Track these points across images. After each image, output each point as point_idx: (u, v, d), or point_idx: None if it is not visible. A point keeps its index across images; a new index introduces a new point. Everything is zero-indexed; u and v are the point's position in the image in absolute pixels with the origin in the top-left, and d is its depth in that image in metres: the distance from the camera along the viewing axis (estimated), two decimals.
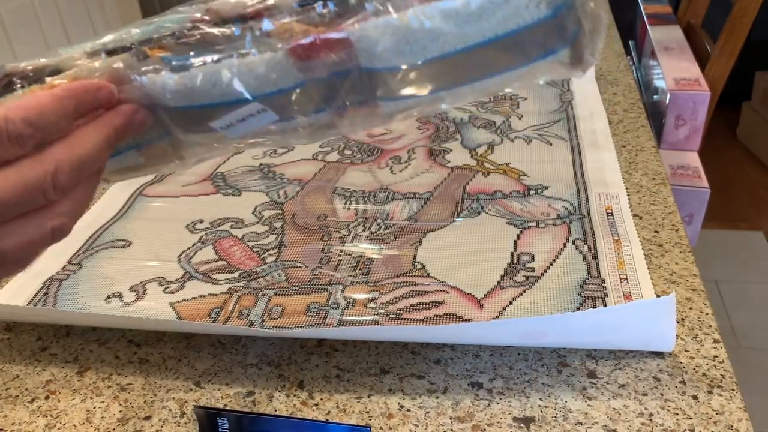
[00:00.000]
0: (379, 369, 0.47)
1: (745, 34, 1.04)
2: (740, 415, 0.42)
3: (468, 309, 0.51)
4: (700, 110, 0.93)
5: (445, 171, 0.73)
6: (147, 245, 0.62)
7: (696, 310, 0.51)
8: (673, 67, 1.00)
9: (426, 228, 0.62)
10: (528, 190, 0.67)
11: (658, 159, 0.73)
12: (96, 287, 0.56)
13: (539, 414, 0.43)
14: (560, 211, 0.63)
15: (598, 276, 0.53)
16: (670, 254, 0.57)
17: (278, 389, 0.46)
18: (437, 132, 0.82)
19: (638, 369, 0.46)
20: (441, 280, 0.54)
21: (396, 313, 0.50)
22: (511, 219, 0.62)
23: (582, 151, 0.75)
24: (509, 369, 0.47)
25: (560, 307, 0.50)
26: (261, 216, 0.66)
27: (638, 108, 0.87)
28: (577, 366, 0.47)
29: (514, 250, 0.57)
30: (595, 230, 0.59)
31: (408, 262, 0.57)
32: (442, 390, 0.45)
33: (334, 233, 0.62)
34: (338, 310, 0.51)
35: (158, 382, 0.48)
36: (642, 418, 0.42)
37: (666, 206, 0.64)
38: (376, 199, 0.67)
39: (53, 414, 0.46)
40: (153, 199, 0.70)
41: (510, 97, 0.92)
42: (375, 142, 0.81)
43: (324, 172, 0.74)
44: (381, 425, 0.43)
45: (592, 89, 0.91)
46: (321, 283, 0.55)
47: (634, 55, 1.40)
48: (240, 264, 0.58)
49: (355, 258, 0.58)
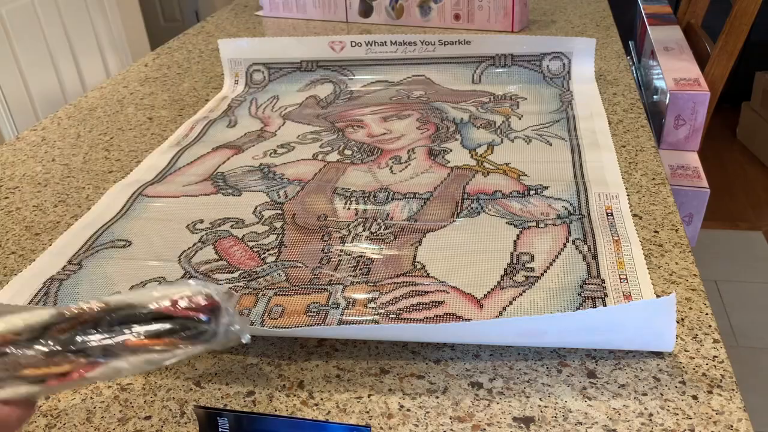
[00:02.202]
0: (379, 369, 0.47)
1: (745, 35, 1.04)
2: (740, 415, 0.42)
3: (468, 309, 0.51)
4: (699, 110, 0.93)
5: (445, 171, 0.73)
6: (147, 245, 0.62)
7: (696, 310, 0.51)
8: (672, 67, 1.00)
9: (426, 228, 0.62)
10: (528, 190, 0.67)
11: (657, 159, 0.73)
12: (96, 287, 0.56)
13: (539, 414, 0.43)
14: (560, 211, 0.63)
15: (597, 276, 0.53)
16: (670, 254, 0.57)
17: (278, 389, 0.46)
18: (437, 132, 0.83)
19: (638, 369, 0.46)
20: (441, 280, 0.54)
21: (396, 313, 0.51)
22: (511, 219, 0.62)
23: (582, 151, 0.75)
24: (509, 369, 0.47)
25: (560, 307, 0.50)
26: (261, 216, 0.66)
27: (638, 108, 0.87)
28: (577, 366, 0.47)
29: (513, 250, 0.57)
30: (594, 230, 0.59)
31: (408, 262, 0.57)
32: (442, 390, 0.45)
33: (334, 233, 0.62)
34: (338, 310, 0.51)
35: (158, 382, 0.48)
36: (642, 418, 0.42)
37: (666, 206, 0.64)
38: (376, 199, 0.67)
39: (53, 414, 0.46)
40: (153, 199, 0.70)
41: (510, 97, 0.92)
42: (375, 142, 0.81)
43: (324, 172, 0.74)
44: (381, 425, 0.43)
45: (592, 89, 0.92)
46: (321, 283, 0.55)
47: (633, 55, 1.40)
48: (240, 264, 0.58)
49: (355, 258, 0.58)
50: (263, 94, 0.98)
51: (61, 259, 0.60)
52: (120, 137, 0.88)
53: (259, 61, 1.01)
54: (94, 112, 0.97)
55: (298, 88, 0.99)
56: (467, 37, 0.97)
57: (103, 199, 0.71)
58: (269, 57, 1.01)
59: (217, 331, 0.38)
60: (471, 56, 0.97)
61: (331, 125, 0.87)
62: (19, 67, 1.77)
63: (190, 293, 0.38)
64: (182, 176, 0.75)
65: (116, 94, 1.04)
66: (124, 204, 0.69)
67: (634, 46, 1.43)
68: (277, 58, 1.01)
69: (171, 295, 0.37)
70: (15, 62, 1.75)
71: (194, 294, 0.38)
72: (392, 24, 1.32)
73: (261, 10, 1.47)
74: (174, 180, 0.74)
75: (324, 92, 0.98)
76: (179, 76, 1.10)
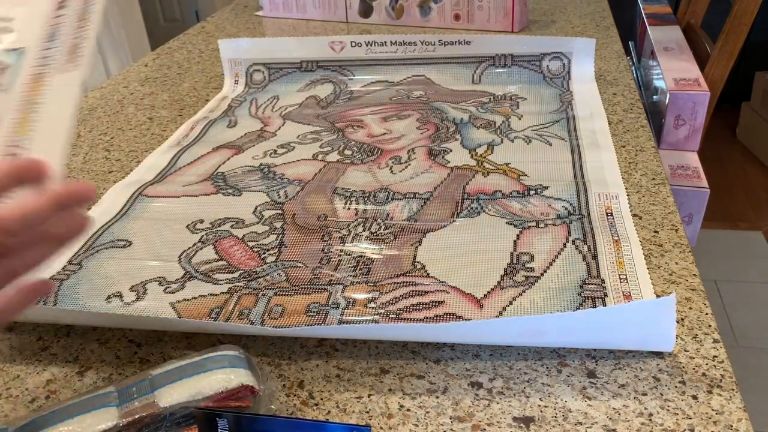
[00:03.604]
0: (379, 369, 0.47)
1: (745, 35, 1.04)
2: (740, 415, 0.42)
3: (468, 309, 0.51)
4: (699, 110, 0.93)
5: (445, 171, 0.73)
6: (147, 245, 0.62)
7: (696, 310, 0.51)
8: (672, 67, 1.00)
9: (426, 228, 0.62)
10: (528, 190, 0.67)
11: (657, 159, 0.73)
12: (96, 287, 0.56)
13: (539, 414, 0.43)
14: (560, 211, 0.63)
15: (597, 276, 0.53)
16: (670, 254, 0.57)
17: (278, 389, 0.46)
18: (437, 132, 0.83)
19: (638, 369, 0.46)
20: (441, 280, 0.54)
21: (396, 313, 0.51)
22: (510, 219, 0.62)
23: (582, 151, 0.75)
24: (509, 369, 0.47)
25: (560, 307, 0.50)
26: (261, 216, 0.66)
27: (638, 108, 0.87)
28: (577, 366, 0.47)
29: (513, 250, 0.57)
30: (594, 230, 0.59)
31: (408, 262, 0.57)
32: (442, 390, 0.45)
33: (334, 233, 0.62)
34: (338, 310, 0.51)
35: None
36: (642, 418, 0.42)
37: (665, 206, 0.64)
38: (376, 199, 0.67)
39: None
40: (153, 199, 0.70)
41: (510, 97, 0.92)
42: (375, 142, 0.81)
43: (324, 173, 0.74)
44: (381, 425, 0.43)
45: (592, 89, 0.92)
46: (321, 283, 0.55)
47: (633, 56, 1.40)
48: (240, 264, 0.58)
49: (355, 258, 0.58)
50: (263, 94, 0.98)
51: (62, 259, 0.60)
52: (120, 137, 0.88)
53: (259, 62, 1.01)
54: (94, 112, 0.97)
55: (298, 88, 0.99)
56: (467, 37, 0.97)
57: (103, 200, 0.71)
58: (269, 57, 1.01)
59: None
60: (471, 56, 0.97)
61: (331, 125, 0.87)
62: None
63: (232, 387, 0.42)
64: (182, 176, 0.75)
65: (116, 94, 1.04)
66: (124, 204, 0.69)
67: (634, 46, 1.43)
68: (277, 58, 1.01)
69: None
70: None
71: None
72: (392, 24, 1.32)
73: (261, 10, 1.47)
74: (174, 180, 0.74)
75: (324, 92, 0.98)
76: (179, 76, 1.10)
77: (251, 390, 0.42)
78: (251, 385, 0.42)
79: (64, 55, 0.42)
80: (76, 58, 0.42)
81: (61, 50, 0.42)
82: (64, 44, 0.42)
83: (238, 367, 0.43)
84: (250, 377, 0.43)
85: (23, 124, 0.40)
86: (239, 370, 0.43)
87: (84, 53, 0.42)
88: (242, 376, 0.42)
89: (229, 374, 0.42)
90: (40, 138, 0.39)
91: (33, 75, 0.41)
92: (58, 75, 0.41)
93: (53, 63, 0.42)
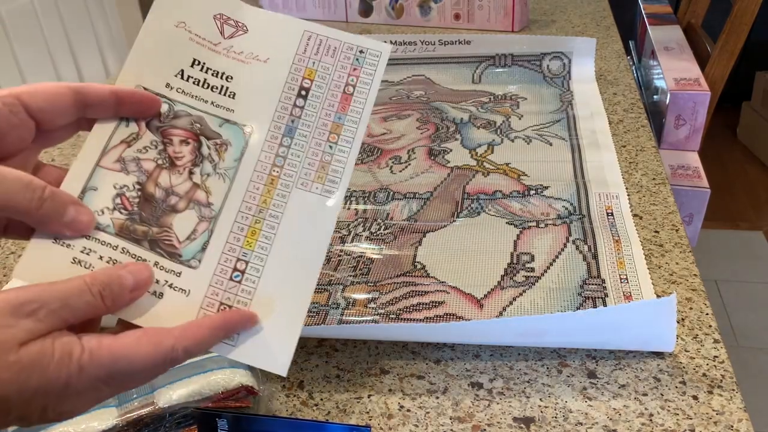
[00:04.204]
0: (379, 369, 0.47)
1: (745, 35, 1.04)
2: (740, 415, 0.42)
3: (468, 309, 0.51)
4: (700, 110, 0.93)
5: (445, 171, 0.72)
6: None
7: (696, 310, 0.51)
8: (673, 67, 1.00)
9: (426, 228, 0.62)
10: (528, 190, 0.67)
11: (658, 159, 0.73)
12: None
13: (539, 414, 0.43)
14: (560, 211, 0.63)
15: (598, 276, 0.53)
16: (670, 254, 0.57)
17: (278, 389, 0.46)
18: (437, 132, 0.82)
19: (638, 369, 0.46)
20: (441, 280, 0.54)
21: (396, 313, 0.50)
22: (511, 219, 0.62)
23: (582, 151, 0.75)
24: (509, 369, 0.47)
25: (560, 307, 0.50)
26: None
27: (638, 108, 0.87)
28: (577, 366, 0.47)
29: (514, 250, 0.57)
30: (595, 230, 0.59)
31: (408, 262, 0.57)
32: (442, 390, 0.45)
33: (334, 233, 0.62)
34: (338, 310, 0.51)
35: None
36: (642, 418, 0.42)
37: (666, 206, 0.64)
38: (376, 199, 0.67)
39: None
40: None
41: (510, 97, 0.92)
42: (375, 142, 0.81)
43: None
44: (381, 425, 0.43)
45: (592, 89, 0.91)
46: (321, 283, 0.55)
47: (634, 55, 1.40)
48: None
49: (355, 258, 0.58)
50: None
51: None
52: None
53: None
54: None
55: None
56: (467, 37, 0.97)
57: None
58: None
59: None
60: (471, 56, 0.97)
61: None
62: (18, 66, 1.77)
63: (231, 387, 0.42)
64: None
65: None
66: None
67: (635, 46, 1.43)
68: None
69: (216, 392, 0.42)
70: (14, 62, 1.75)
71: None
72: (392, 24, 1.32)
73: None
74: None
75: None
76: None
77: (251, 390, 0.42)
78: (251, 386, 0.42)
79: (313, 170, 0.34)
80: (328, 183, 0.34)
81: (309, 161, 0.34)
82: (311, 155, 0.34)
83: (238, 368, 0.43)
84: (250, 377, 0.43)
85: (250, 235, 0.33)
86: (239, 371, 0.43)
87: (340, 182, 0.34)
88: (242, 376, 0.42)
89: (229, 374, 0.42)
90: (277, 265, 0.33)
91: (263, 174, 0.34)
92: (301, 191, 0.34)
93: (293, 172, 0.34)
